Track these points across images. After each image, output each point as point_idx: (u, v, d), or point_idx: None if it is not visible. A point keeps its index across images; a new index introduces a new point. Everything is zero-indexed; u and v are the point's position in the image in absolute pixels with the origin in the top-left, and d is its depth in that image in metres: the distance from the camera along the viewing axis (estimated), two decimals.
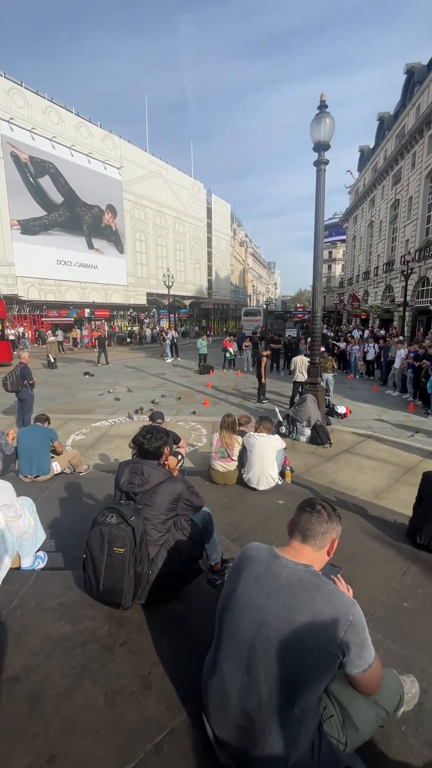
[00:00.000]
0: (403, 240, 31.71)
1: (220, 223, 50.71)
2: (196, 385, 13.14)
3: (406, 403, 10.42)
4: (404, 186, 31.93)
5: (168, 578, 2.06)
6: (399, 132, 33.37)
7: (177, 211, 39.98)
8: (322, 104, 6.53)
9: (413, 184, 30.14)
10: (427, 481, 3.40)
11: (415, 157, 30.04)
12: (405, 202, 31.71)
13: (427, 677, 2.02)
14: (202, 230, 45.45)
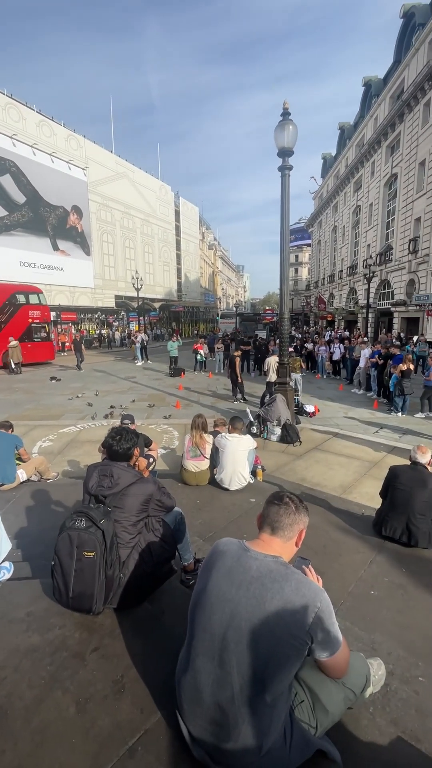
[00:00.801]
0: (365, 244, 33.04)
1: (188, 225, 50.76)
2: (168, 387, 13.06)
3: (370, 401, 10.84)
4: (365, 193, 33.30)
5: (140, 580, 2.04)
6: (359, 141, 34.80)
7: (145, 213, 39.65)
8: (285, 111, 6.71)
9: (373, 191, 31.50)
10: (392, 475, 3.55)
11: (374, 165, 31.42)
12: (366, 208, 33.07)
13: (393, 659, 2.12)
14: (170, 233, 45.31)
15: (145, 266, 39.81)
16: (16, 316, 18.36)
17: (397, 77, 26.84)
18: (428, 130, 22.80)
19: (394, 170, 27.56)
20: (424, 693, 1.93)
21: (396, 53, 28.43)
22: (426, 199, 23.02)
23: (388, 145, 28.57)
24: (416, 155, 24.21)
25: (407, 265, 25.16)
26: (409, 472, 3.47)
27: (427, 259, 22.90)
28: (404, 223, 25.90)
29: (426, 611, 2.63)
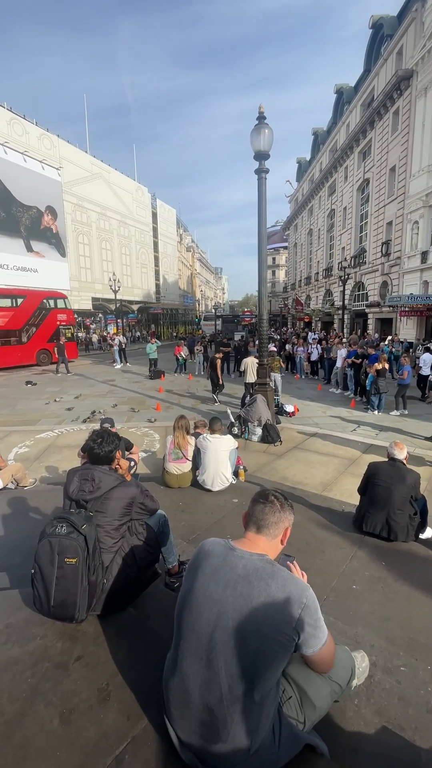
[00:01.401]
0: (340, 247, 33.82)
1: (165, 227, 50.56)
2: (148, 390, 12.94)
3: (348, 400, 11.08)
4: (339, 197, 34.12)
5: (124, 585, 2.00)
6: (332, 147, 35.64)
7: (121, 214, 39.22)
8: (260, 115, 6.80)
9: (347, 195, 32.31)
10: (372, 472, 3.63)
11: (347, 170, 32.24)
12: (340, 212, 33.88)
13: (376, 651, 2.17)
14: (147, 234, 44.98)
15: (123, 268, 39.36)
16: (47, 320, 20.23)
17: (368, 86, 27.68)
18: (397, 138, 23.59)
19: (366, 175, 28.37)
20: (406, 682, 1.98)
21: (366, 62, 29.31)
22: (397, 204, 23.80)
23: (360, 151, 29.39)
24: (387, 161, 25.00)
25: (380, 267, 25.92)
26: (388, 468, 3.56)
27: (399, 261, 23.66)
28: (377, 227, 26.67)
29: (405, 602, 2.71)
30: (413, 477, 3.50)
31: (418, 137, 21.57)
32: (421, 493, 3.66)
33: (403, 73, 22.04)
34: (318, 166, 39.84)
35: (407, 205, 22.53)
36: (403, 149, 23.04)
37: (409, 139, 22.37)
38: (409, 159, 22.40)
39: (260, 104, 6.84)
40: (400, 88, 22.87)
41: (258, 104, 6.91)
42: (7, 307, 18.49)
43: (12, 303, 18.89)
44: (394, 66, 23.93)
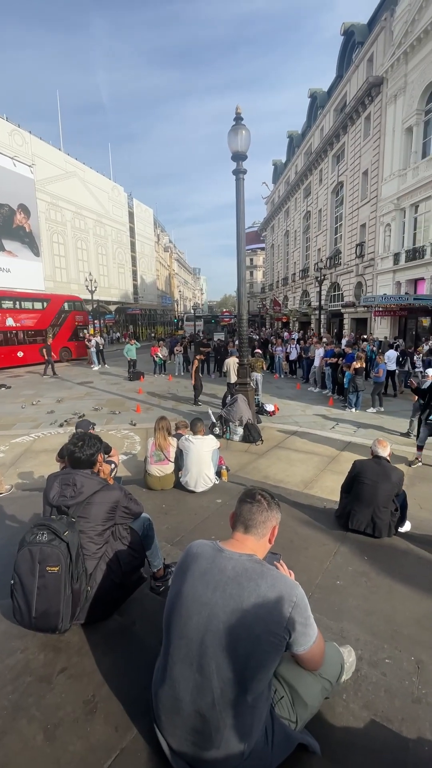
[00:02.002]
0: (316, 249, 34.44)
1: (143, 227, 50.07)
2: (127, 392, 12.76)
3: (326, 398, 11.28)
4: (314, 199, 34.73)
5: (109, 592, 1.95)
6: (307, 150, 36.26)
7: (97, 214, 38.55)
8: (237, 116, 6.82)
9: (321, 197, 32.94)
10: (358, 470, 3.67)
11: (322, 173, 32.87)
12: (315, 214, 34.50)
13: (361, 645, 2.20)
14: (124, 234, 44.41)
15: (99, 268, 38.70)
16: (68, 321, 22.77)
17: (340, 91, 28.32)
18: (369, 143, 24.24)
19: (340, 178, 29.01)
20: (391, 674, 2.02)
21: (338, 68, 29.99)
22: (370, 207, 24.44)
23: (333, 155, 30.03)
24: (359, 165, 25.65)
25: (355, 268, 26.55)
26: (374, 466, 3.62)
27: (373, 263, 24.31)
28: (351, 229, 27.32)
29: (387, 595, 2.77)
30: (398, 475, 3.58)
31: (389, 142, 22.24)
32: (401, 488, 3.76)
33: (373, 80, 22.68)
34: (293, 169, 40.44)
35: (380, 208, 23.18)
36: (374, 154, 23.70)
37: (380, 144, 23.04)
38: (381, 163, 23.06)
39: (237, 105, 6.87)
40: (371, 95, 23.52)
41: (235, 105, 6.94)
42: (37, 309, 20.97)
43: (40, 306, 21.32)
44: (365, 73, 24.58)
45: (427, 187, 19.41)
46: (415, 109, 20.24)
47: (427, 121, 20.18)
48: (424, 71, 19.34)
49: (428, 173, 19.24)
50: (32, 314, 20.60)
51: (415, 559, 3.24)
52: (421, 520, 4.19)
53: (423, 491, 5.03)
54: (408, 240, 21.53)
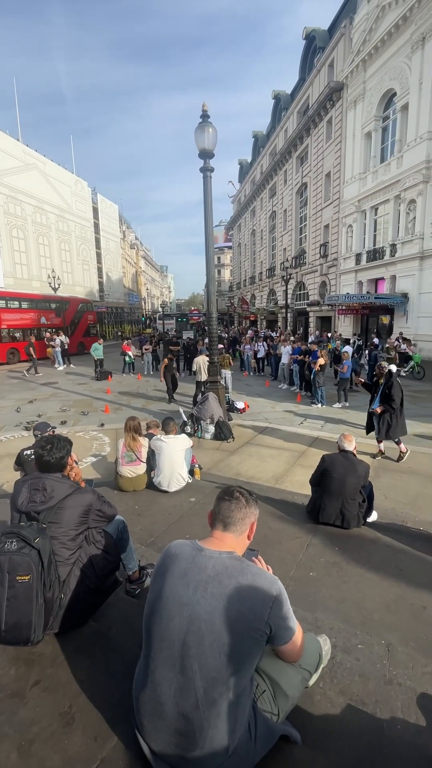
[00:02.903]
0: (282, 248, 35.06)
1: (108, 223, 48.86)
2: (94, 392, 12.44)
3: (294, 395, 11.53)
4: (279, 199, 35.32)
5: (83, 598, 1.89)
6: (272, 150, 36.78)
7: (60, 208, 37.17)
8: (204, 114, 6.80)
9: (286, 198, 33.55)
10: (326, 464, 3.78)
11: (286, 174, 33.46)
12: (281, 214, 35.10)
13: (335, 633, 2.27)
14: (89, 230, 43.14)
15: (63, 264, 37.38)
16: (82, 320, 26.65)
17: (303, 94, 28.92)
18: (331, 146, 24.95)
19: (304, 179, 29.66)
20: (364, 658, 2.10)
21: (301, 71, 30.61)
22: (333, 208, 25.18)
23: (297, 156, 30.65)
24: (322, 167, 26.34)
25: (319, 268, 27.29)
26: (342, 460, 3.73)
27: (336, 263, 25.08)
28: (315, 230, 28.03)
29: (358, 583, 2.87)
30: (364, 467, 3.72)
31: (349, 146, 22.99)
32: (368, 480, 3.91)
33: (334, 85, 23.33)
34: (259, 169, 40.89)
35: (342, 210, 23.94)
36: (336, 157, 24.42)
37: (341, 148, 23.77)
38: (343, 166, 23.81)
39: (203, 102, 6.84)
40: (332, 99, 24.19)
41: (200, 103, 6.90)
42: (57, 309, 24.08)
43: (63, 307, 24.37)
44: (326, 77, 25.24)
45: (386, 191, 20.27)
46: (374, 116, 21.06)
47: (385, 127, 21.06)
48: (382, 79, 20.13)
49: (386, 177, 20.08)
50: (53, 314, 23.90)
51: (382, 547, 3.38)
52: (387, 509, 4.38)
53: (387, 482, 5.26)
54: (369, 241, 22.39)
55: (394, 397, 5.98)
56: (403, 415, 6.15)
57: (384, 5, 18.79)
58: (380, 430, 6.11)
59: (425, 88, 17.29)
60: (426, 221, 17.78)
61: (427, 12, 16.66)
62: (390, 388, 6.07)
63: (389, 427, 6.00)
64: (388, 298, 19.76)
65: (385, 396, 6.12)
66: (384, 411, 6.06)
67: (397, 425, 6.01)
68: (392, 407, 5.99)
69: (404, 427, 6.12)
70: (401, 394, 6.08)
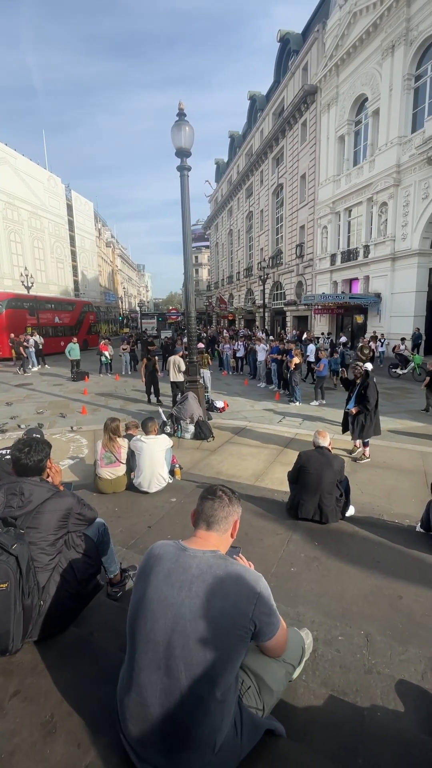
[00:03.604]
0: (259, 248, 35.37)
1: (83, 221, 47.84)
2: (71, 393, 12.17)
3: (272, 393, 11.67)
4: (256, 200, 35.60)
5: (64, 604, 1.84)
6: (248, 151, 37.01)
7: (32, 205, 36.08)
8: (180, 112, 6.76)
9: (263, 198, 33.86)
10: (303, 461, 3.84)
11: (262, 174, 33.76)
12: (258, 214, 35.40)
13: (317, 626, 2.31)
14: (63, 228, 42.11)
15: (36, 263, 36.33)
16: (85, 320, 29.66)
17: (278, 96, 29.25)
18: (306, 148, 25.36)
19: (280, 180, 30.02)
20: (344, 649, 2.15)
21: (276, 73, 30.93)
22: (308, 209, 25.60)
23: (273, 157, 30.98)
24: (298, 169, 26.73)
25: (295, 268, 27.69)
26: (317, 456, 3.81)
27: (312, 263, 25.52)
28: (291, 230, 28.42)
29: (337, 577, 2.94)
30: (339, 462, 3.81)
31: (323, 149, 23.43)
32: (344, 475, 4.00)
33: (309, 88, 23.71)
34: (235, 169, 41.07)
35: (317, 211, 24.38)
36: (311, 159, 24.84)
37: (316, 150, 24.19)
38: (317, 168, 24.24)
39: (180, 101, 6.80)
40: (306, 102, 24.58)
41: (177, 101, 6.87)
42: (68, 311, 27.90)
43: (71, 308, 28.36)
44: (300, 80, 25.62)
45: (359, 193, 20.78)
46: (347, 119, 21.54)
47: (357, 131, 21.58)
48: (354, 84, 20.62)
49: (359, 180, 20.60)
50: (67, 314, 27.48)
51: (360, 540, 3.47)
52: (364, 504, 4.50)
53: (363, 477, 5.40)
54: (343, 242, 22.89)
55: (369, 398, 5.95)
56: (377, 415, 6.14)
57: (355, 12, 19.24)
58: (354, 430, 6.10)
59: (395, 94, 17.83)
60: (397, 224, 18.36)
61: (397, 20, 17.19)
62: (366, 388, 6.05)
63: (363, 428, 5.99)
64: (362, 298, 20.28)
65: (361, 396, 6.10)
66: (359, 412, 6.05)
67: (370, 426, 6.00)
68: (367, 408, 5.97)
69: (378, 427, 6.11)
70: (377, 395, 6.07)
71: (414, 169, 17.19)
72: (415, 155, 16.67)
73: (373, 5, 18.08)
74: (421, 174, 16.90)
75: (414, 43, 16.79)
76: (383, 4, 17.43)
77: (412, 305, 18.06)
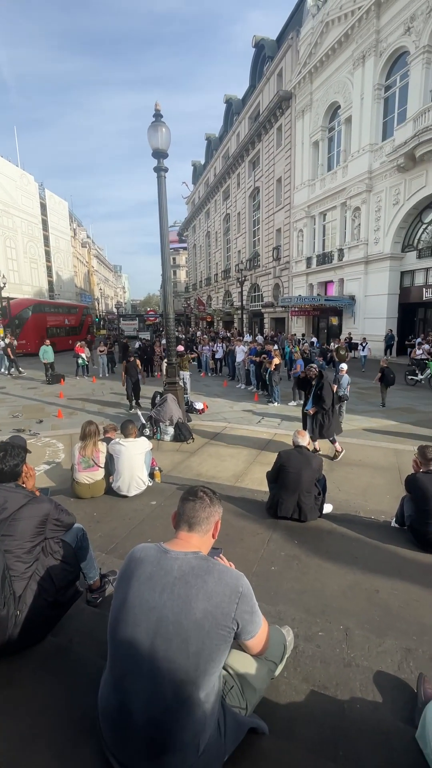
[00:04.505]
0: (236, 250, 35.62)
1: (57, 220, 46.79)
2: (46, 396, 11.87)
3: (251, 394, 11.76)
4: (233, 202, 35.86)
5: (41, 613, 1.79)
6: (224, 154, 37.25)
7: (4, 203, 35.01)
8: (156, 113, 6.74)
9: (240, 201, 34.14)
10: (283, 460, 3.89)
11: (239, 177, 34.05)
12: (235, 216, 35.66)
13: (297, 623, 2.35)
14: (36, 227, 41.04)
15: (8, 263, 35.26)
16: (86, 322, 33.74)
17: (254, 100, 29.60)
18: (282, 152, 25.76)
19: (256, 184, 30.37)
20: (324, 645, 2.19)
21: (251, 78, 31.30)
22: (284, 213, 26.00)
23: (249, 161, 31.31)
24: (274, 172, 27.12)
25: (272, 270, 28.06)
26: (297, 455, 3.87)
27: (288, 266, 25.92)
28: (268, 233, 28.78)
29: (317, 574, 2.99)
30: (318, 461, 3.89)
31: (299, 153, 23.88)
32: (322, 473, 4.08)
33: (283, 94, 24.12)
34: (212, 171, 41.24)
35: (293, 215, 24.80)
36: (287, 163, 25.25)
37: (291, 155, 24.62)
38: (293, 172, 24.67)
39: (156, 102, 6.78)
40: (281, 107, 24.99)
41: (153, 102, 6.84)
42: (73, 314, 31.63)
43: (75, 311, 32.35)
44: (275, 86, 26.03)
45: (333, 198, 21.29)
46: (320, 126, 22.04)
47: (331, 138, 22.12)
48: (327, 92, 21.13)
49: (333, 185, 21.10)
50: (73, 317, 31.27)
51: (338, 537, 3.55)
52: (341, 501, 4.60)
53: (340, 475, 5.53)
54: (318, 245, 23.38)
55: (325, 398, 5.99)
56: (336, 414, 6.14)
57: (328, 21, 19.75)
58: (313, 430, 6.11)
59: (366, 103, 18.40)
60: (370, 228, 18.92)
61: (367, 32, 17.75)
62: (321, 389, 6.08)
63: (322, 427, 6.03)
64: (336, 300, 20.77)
65: (317, 397, 6.12)
66: (316, 412, 6.09)
67: (330, 425, 6.03)
68: (324, 408, 6.01)
69: (339, 426, 6.15)
70: (332, 395, 6.12)
71: (385, 176, 17.77)
72: (386, 162, 17.25)
73: (344, 16, 18.61)
74: (391, 180, 17.50)
75: (384, 54, 17.39)
76: (354, 15, 17.97)
77: (385, 307, 18.65)
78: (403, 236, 17.99)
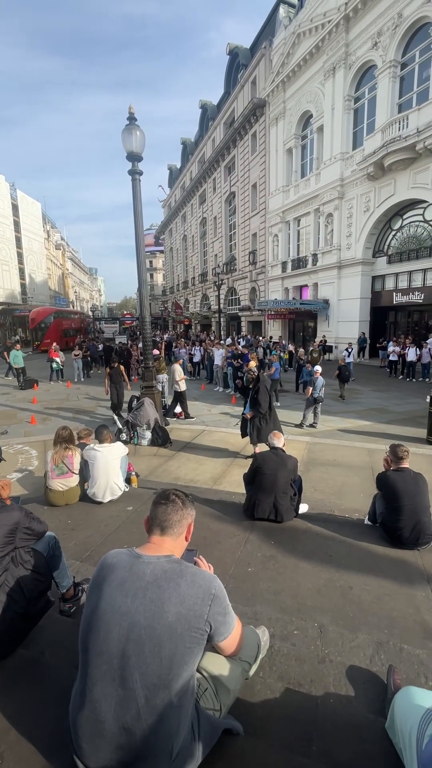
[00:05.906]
0: (213, 254, 35.80)
1: (30, 222, 45.64)
2: (18, 402, 11.52)
3: (229, 397, 11.82)
4: (209, 206, 36.06)
5: (10, 625, 1.74)
6: (200, 158, 37.45)
7: None
8: (131, 116, 6.71)
9: (216, 206, 34.37)
10: (259, 462, 3.93)
11: (215, 182, 34.29)
12: (211, 220, 35.86)
13: (273, 623, 2.37)
14: (8, 228, 39.90)
15: None
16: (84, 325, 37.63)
17: (228, 107, 29.94)
18: (257, 158, 26.15)
19: (232, 189, 30.67)
20: (299, 643, 2.23)
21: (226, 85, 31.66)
22: (260, 218, 26.37)
23: (225, 166, 31.60)
24: (249, 178, 27.47)
25: (249, 274, 28.37)
26: (273, 457, 3.92)
27: (264, 270, 26.28)
28: (244, 237, 29.09)
29: (293, 573, 3.03)
30: (293, 462, 3.95)
31: (273, 160, 24.31)
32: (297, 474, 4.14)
33: (258, 101, 24.52)
34: (188, 175, 41.35)
35: (268, 220, 25.19)
36: (262, 169, 25.65)
37: (266, 161, 25.03)
38: (268, 178, 25.08)
39: (130, 105, 6.76)
40: (256, 114, 25.39)
41: (127, 105, 6.81)
42: (77, 319, 36.91)
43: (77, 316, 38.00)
44: (249, 93, 26.43)
45: (307, 204, 21.77)
46: (293, 134, 22.53)
47: (304, 145, 22.65)
48: (300, 101, 21.64)
49: (307, 191, 21.59)
50: (76, 321, 35.97)
51: (313, 536, 3.61)
52: (316, 500, 4.69)
53: (316, 475, 5.63)
54: (293, 250, 23.83)
55: (261, 402, 5.99)
56: (273, 418, 6.16)
57: (299, 33, 20.26)
58: (251, 434, 6.10)
59: (337, 113, 18.96)
60: (342, 234, 19.45)
61: (337, 45, 18.32)
62: (257, 392, 6.08)
63: (259, 431, 6.02)
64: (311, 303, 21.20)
65: (253, 400, 6.12)
66: (253, 416, 6.09)
67: (267, 428, 5.94)
68: (260, 412, 6.01)
69: (278, 429, 5.95)
70: (268, 398, 6.13)
71: (356, 184, 18.34)
72: (357, 171, 17.81)
73: (315, 29, 19.16)
74: (362, 188, 18.07)
75: (353, 67, 18.00)
76: (324, 28, 18.53)
77: (357, 311, 19.18)
78: (373, 242, 18.60)
